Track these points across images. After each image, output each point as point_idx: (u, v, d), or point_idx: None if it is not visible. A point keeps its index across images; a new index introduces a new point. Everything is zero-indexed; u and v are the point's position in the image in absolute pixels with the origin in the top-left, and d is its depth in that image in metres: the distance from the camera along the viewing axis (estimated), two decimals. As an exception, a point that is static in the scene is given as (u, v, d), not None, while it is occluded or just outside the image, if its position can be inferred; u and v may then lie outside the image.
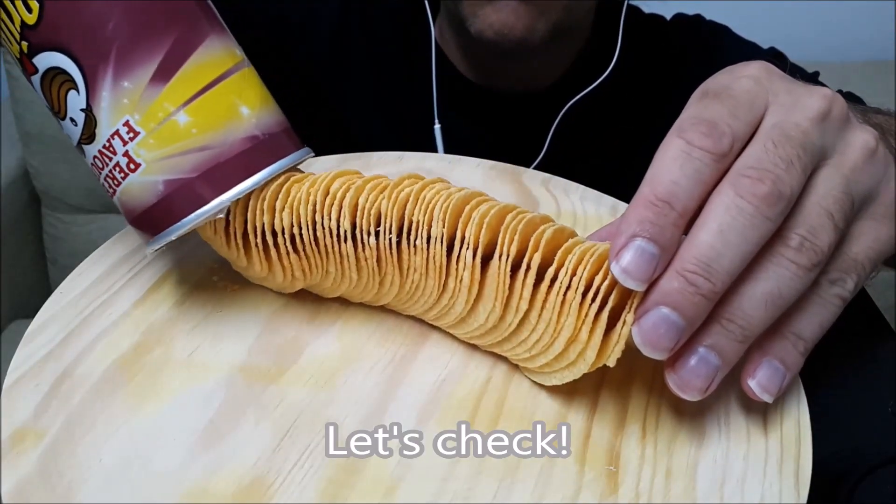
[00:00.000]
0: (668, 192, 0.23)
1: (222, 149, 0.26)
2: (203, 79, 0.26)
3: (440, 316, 0.29)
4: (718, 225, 0.23)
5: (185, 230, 0.26)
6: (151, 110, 0.25)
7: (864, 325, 0.34)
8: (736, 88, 0.25)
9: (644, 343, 0.23)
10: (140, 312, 0.30)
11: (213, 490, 0.24)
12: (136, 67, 0.25)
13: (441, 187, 0.28)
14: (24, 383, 0.27)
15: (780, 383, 0.25)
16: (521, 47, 0.48)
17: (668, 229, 0.23)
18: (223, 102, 0.26)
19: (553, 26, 0.48)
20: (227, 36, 0.28)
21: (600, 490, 0.25)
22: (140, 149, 0.26)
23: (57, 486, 0.24)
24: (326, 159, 0.40)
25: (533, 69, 0.55)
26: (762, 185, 0.23)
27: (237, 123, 0.27)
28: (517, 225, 0.26)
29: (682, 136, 0.24)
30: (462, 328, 0.28)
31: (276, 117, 0.28)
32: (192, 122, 0.26)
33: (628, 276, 0.23)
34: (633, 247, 0.23)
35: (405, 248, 0.27)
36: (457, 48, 0.56)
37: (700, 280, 0.22)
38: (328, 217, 0.27)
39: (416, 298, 0.29)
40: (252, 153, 0.27)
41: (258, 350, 0.29)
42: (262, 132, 0.27)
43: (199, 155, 0.26)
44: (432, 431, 0.26)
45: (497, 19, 0.47)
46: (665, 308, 0.23)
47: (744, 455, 0.26)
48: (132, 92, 0.25)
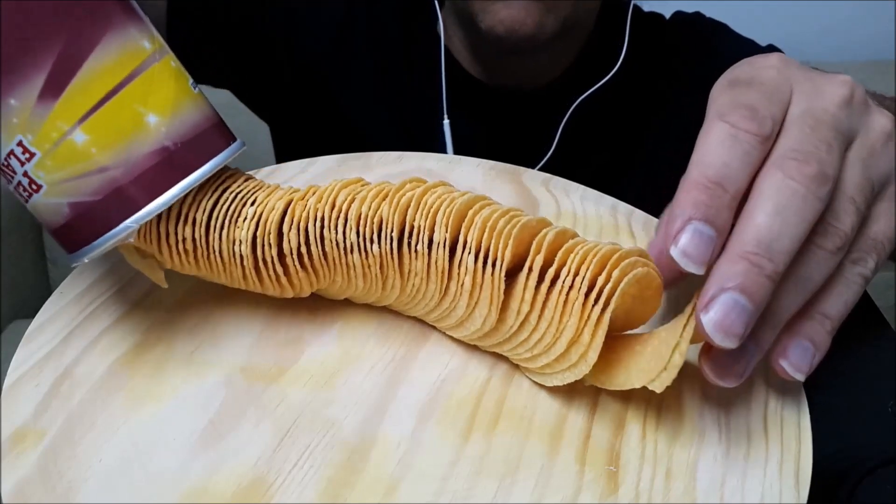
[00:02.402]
0: (720, 175, 0.23)
1: (125, 168, 0.24)
2: (100, 89, 0.23)
3: (441, 318, 0.29)
4: (774, 206, 0.23)
5: (95, 254, 0.25)
6: (44, 130, 0.23)
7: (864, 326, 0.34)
8: (762, 77, 0.26)
9: (716, 331, 0.22)
10: (140, 312, 0.30)
11: (213, 490, 0.24)
12: (20, 83, 0.22)
13: (443, 191, 0.28)
14: (24, 383, 0.27)
15: (810, 362, 0.25)
16: (530, 43, 0.48)
17: (723, 211, 0.23)
18: (124, 114, 0.24)
19: (562, 22, 0.48)
20: (136, 23, 0.25)
21: (600, 490, 0.25)
22: (38, 171, 0.24)
23: (57, 486, 0.24)
24: (325, 160, 0.40)
25: (539, 65, 0.55)
26: (810, 166, 0.23)
27: (142, 136, 0.24)
28: (511, 229, 0.26)
29: (725, 119, 0.24)
30: (462, 331, 0.28)
31: (193, 117, 0.25)
32: (90, 140, 0.23)
33: (688, 259, 0.23)
34: (690, 229, 0.23)
35: (406, 252, 0.27)
36: (462, 45, 0.56)
37: (764, 261, 0.22)
38: (335, 230, 0.27)
39: (417, 301, 0.29)
40: (161, 168, 0.24)
41: (258, 350, 0.29)
42: (173, 141, 0.24)
43: (101, 177, 0.24)
44: (432, 431, 0.26)
45: (507, 15, 0.47)
46: (732, 293, 0.22)
47: (744, 455, 0.26)
48: (20, 110, 0.23)
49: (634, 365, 0.25)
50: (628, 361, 0.26)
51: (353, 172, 0.39)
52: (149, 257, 0.27)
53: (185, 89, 0.26)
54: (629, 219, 0.37)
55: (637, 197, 0.39)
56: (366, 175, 0.38)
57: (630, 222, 0.37)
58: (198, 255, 0.27)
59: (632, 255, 0.25)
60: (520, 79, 0.56)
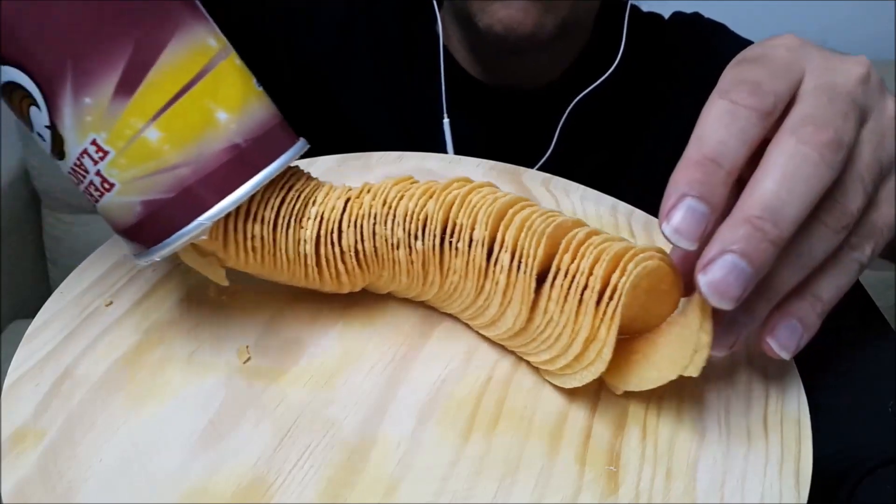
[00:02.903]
0: (716, 151, 0.23)
1: (198, 165, 0.24)
2: (172, 86, 0.23)
3: (475, 316, 0.29)
4: (783, 171, 0.22)
5: (167, 251, 0.25)
6: (118, 128, 0.23)
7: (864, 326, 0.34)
8: (773, 55, 0.26)
9: (712, 292, 0.22)
10: (140, 312, 0.30)
11: (213, 490, 0.24)
12: (95, 81, 0.23)
13: (488, 191, 0.28)
14: (24, 383, 0.27)
15: (797, 342, 0.25)
16: (529, 42, 0.48)
17: (718, 188, 0.23)
18: (196, 111, 0.24)
19: (560, 21, 0.48)
20: (202, 21, 0.25)
21: (600, 490, 0.25)
22: (112, 169, 0.24)
23: (57, 486, 0.24)
24: (325, 160, 0.40)
25: (538, 65, 0.55)
26: (825, 132, 0.23)
27: (214, 133, 0.24)
28: (545, 228, 0.26)
29: (725, 96, 0.24)
30: (494, 330, 0.28)
31: (260, 114, 0.26)
32: (164, 137, 0.23)
33: (680, 235, 0.22)
34: (683, 206, 0.23)
35: (447, 249, 0.28)
36: (461, 45, 0.56)
37: (767, 226, 0.22)
38: (384, 226, 0.28)
39: (454, 299, 0.29)
40: (232, 166, 0.24)
41: (259, 350, 0.29)
42: (243, 138, 0.25)
43: (175, 173, 0.24)
44: (432, 431, 0.26)
45: (506, 14, 0.47)
46: (733, 255, 0.22)
47: (744, 455, 0.26)
48: (95, 109, 0.23)
49: (663, 358, 0.25)
50: (655, 357, 0.26)
51: (352, 172, 0.39)
52: (208, 255, 0.27)
53: (251, 87, 0.26)
54: (629, 219, 0.37)
55: (636, 196, 0.39)
56: (366, 175, 0.38)
57: (630, 222, 0.37)
58: (264, 252, 0.27)
59: (648, 250, 0.25)
60: (519, 79, 0.56)
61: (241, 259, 0.27)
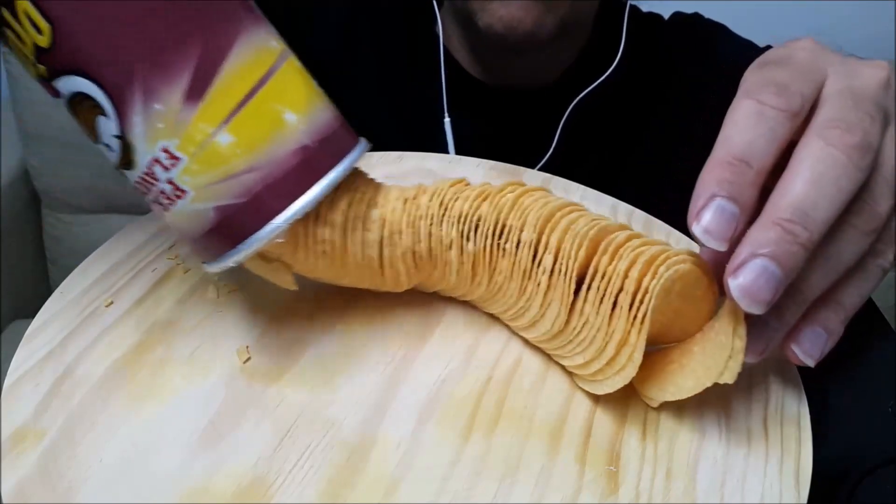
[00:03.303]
0: (744, 152, 0.23)
1: (270, 168, 0.24)
2: (241, 89, 0.23)
3: (516, 317, 0.29)
4: (812, 174, 0.22)
5: (242, 257, 0.24)
6: (189, 133, 0.23)
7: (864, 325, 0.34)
8: (796, 57, 0.26)
9: (743, 296, 0.22)
10: (141, 312, 0.30)
11: (213, 490, 0.24)
12: (165, 87, 0.22)
13: (540, 195, 0.29)
14: (24, 383, 0.27)
15: (821, 349, 0.25)
16: (528, 41, 0.48)
17: (747, 188, 0.23)
18: (265, 113, 0.24)
19: (560, 21, 0.48)
20: (262, 24, 0.25)
21: (600, 490, 0.25)
22: (184, 176, 0.23)
23: (57, 486, 0.24)
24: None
25: (538, 65, 0.55)
26: (853, 135, 0.23)
27: (283, 135, 0.24)
28: (588, 230, 0.26)
29: (752, 97, 0.24)
30: (533, 332, 0.29)
31: (325, 115, 0.25)
32: (235, 141, 0.23)
33: (709, 236, 0.22)
34: (713, 206, 0.22)
35: (495, 251, 0.28)
36: (461, 45, 0.56)
37: (798, 229, 0.22)
38: (439, 227, 0.28)
39: (497, 298, 0.29)
40: (303, 168, 0.24)
41: (259, 350, 0.29)
42: (312, 139, 0.24)
43: (248, 178, 0.23)
44: (432, 432, 0.26)
45: (506, 13, 0.47)
46: (763, 259, 0.22)
47: (744, 455, 0.26)
48: (166, 115, 0.23)
49: (699, 365, 0.25)
50: (692, 364, 0.26)
51: (353, 172, 0.39)
52: (274, 261, 0.27)
53: (313, 88, 0.26)
54: (629, 218, 0.37)
55: (636, 196, 0.39)
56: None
57: (630, 222, 0.37)
58: (334, 256, 0.27)
59: (681, 253, 0.25)
60: (519, 79, 0.56)
61: (310, 264, 0.27)
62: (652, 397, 0.27)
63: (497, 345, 0.30)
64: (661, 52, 0.58)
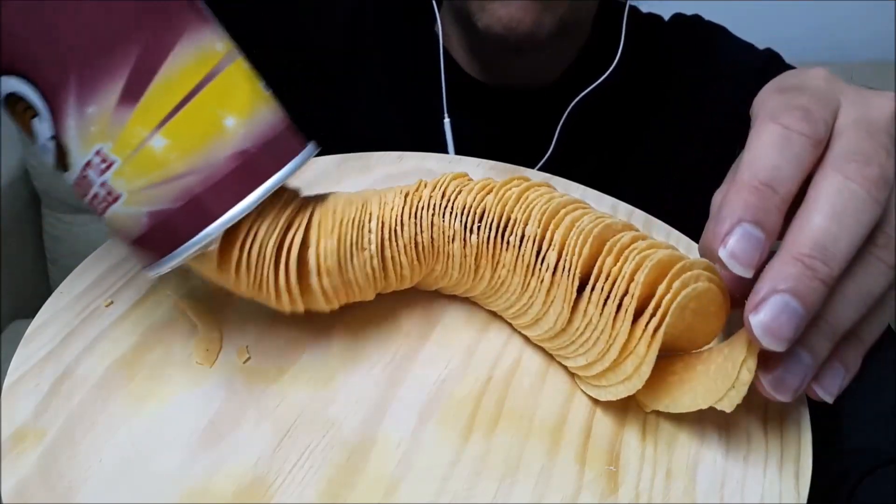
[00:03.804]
0: (771, 176, 0.23)
1: (206, 173, 0.23)
2: (178, 91, 0.23)
3: (518, 315, 0.29)
4: (832, 208, 0.22)
5: (175, 263, 0.24)
6: (123, 137, 0.22)
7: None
8: (811, 84, 0.26)
9: (765, 334, 0.22)
10: (140, 312, 0.30)
11: (213, 490, 0.24)
12: (100, 89, 0.22)
13: (545, 191, 0.29)
14: (24, 383, 0.27)
15: (840, 385, 0.25)
16: (528, 42, 0.48)
17: (773, 213, 0.22)
18: (203, 117, 0.23)
19: (559, 21, 0.48)
20: (208, 25, 0.24)
21: (600, 490, 0.25)
22: (117, 179, 0.23)
23: (57, 486, 0.24)
24: (325, 160, 0.40)
25: (537, 65, 0.56)
26: (871, 168, 0.22)
27: (221, 139, 0.23)
28: (593, 228, 0.26)
29: (777, 121, 0.23)
30: (536, 329, 0.28)
31: (269, 119, 0.25)
32: (170, 145, 0.23)
33: (736, 261, 0.22)
34: (739, 231, 0.22)
35: (499, 243, 0.28)
36: (460, 45, 0.56)
37: (818, 264, 0.22)
38: (441, 217, 0.28)
39: (499, 294, 0.29)
40: (241, 173, 0.24)
41: (259, 350, 0.29)
42: (252, 143, 0.24)
43: (182, 182, 0.23)
44: (432, 431, 0.26)
45: (505, 14, 0.47)
46: (784, 295, 0.22)
47: (744, 455, 0.26)
48: (99, 118, 0.22)
49: (700, 385, 0.25)
50: (693, 382, 0.25)
51: (352, 172, 0.39)
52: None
53: (259, 90, 0.25)
54: (629, 218, 0.37)
55: (636, 196, 0.39)
56: (366, 175, 0.38)
57: (630, 222, 0.37)
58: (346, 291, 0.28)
59: (696, 266, 0.25)
60: (518, 79, 0.56)
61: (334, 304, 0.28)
62: (646, 403, 0.27)
63: (497, 344, 0.30)
64: (661, 52, 0.58)
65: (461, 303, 0.31)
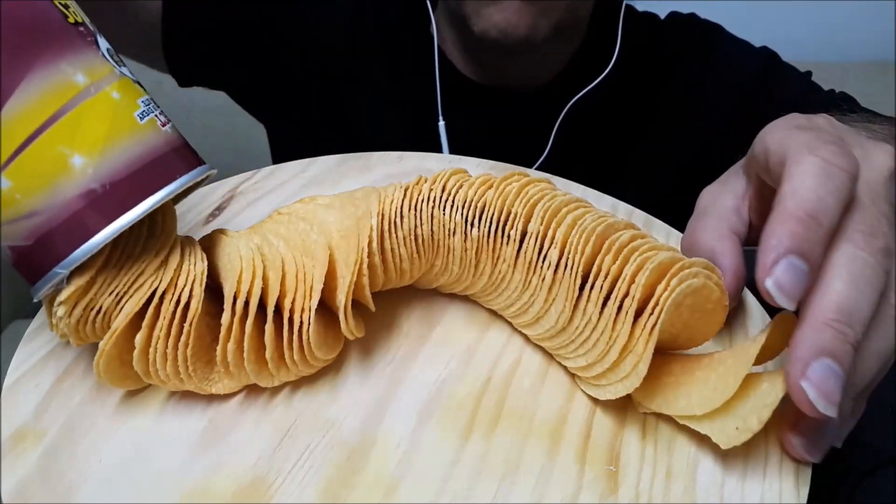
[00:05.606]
0: (816, 209, 0.23)
1: (52, 213, 0.23)
2: (21, 132, 0.22)
3: (519, 313, 0.29)
4: (850, 275, 0.23)
5: (39, 295, 0.24)
6: None
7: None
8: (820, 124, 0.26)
9: (819, 398, 0.22)
10: (140, 312, 0.30)
11: (213, 490, 0.24)
12: None
13: (545, 187, 0.29)
14: (24, 383, 0.27)
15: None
16: (524, 45, 0.48)
17: (818, 246, 0.23)
18: (47, 157, 0.22)
19: (555, 24, 0.48)
20: (67, 57, 0.23)
21: (600, 490, 0.25)
22: None
23: (57, 486, 0.24)
24: (325, 159, 0.40)
25: (533, 66, 0.56)
26: (877, 239, 0.23)
27: (67, 180, 0.23)
28: (595, 227, 0.26)
29: (816, 153, 0.24)
30: (536, 328, 0.28)
31: (130, 154, 0.24)
32: (14, 186, 0.22)
33: (782, 293, 0.23)
34: (785, 263, 0.23)
35: (499, 237, 0.28)
36: (455, 47, 0.56)
37: (846, 329, 0.22)
38: (442, 211, 0.28)
39: (500, 291, 0.29)
40: (87, 213, 0.23)
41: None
42: (101, 183, 0.23)
43: (30, 222, 0.23)
44: (432, 431, 0.26)
45: (501, 18, 0.47)
46: (828, 359, 0.22)
47: (743, 455, 0.26)
48: None
49: (696, 392, 0.25)
50: (689, 387, 0.26)
51: (353, 172, 0.39)
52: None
53: (124, 123, 0.24)
54: (629, 218, 0.37)
55: (635, 196, 0.39)
56: (366, 175, 0.38)
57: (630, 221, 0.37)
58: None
59: (695, 265, 0.25)
60: (514, 80, 0.56)
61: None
62: (639, 402, 0.27)
63: (497, 345, 0.30)
64: (658, 51, 0.58)
65: (461, 303, 0.31)
